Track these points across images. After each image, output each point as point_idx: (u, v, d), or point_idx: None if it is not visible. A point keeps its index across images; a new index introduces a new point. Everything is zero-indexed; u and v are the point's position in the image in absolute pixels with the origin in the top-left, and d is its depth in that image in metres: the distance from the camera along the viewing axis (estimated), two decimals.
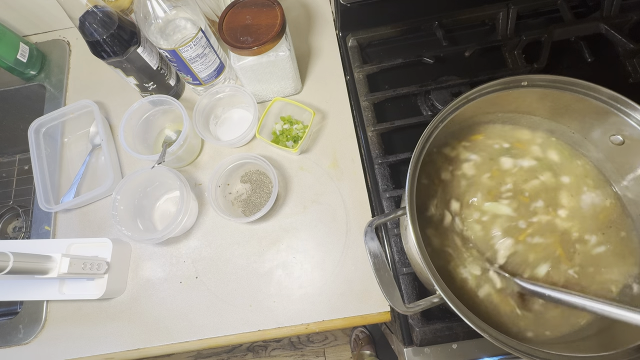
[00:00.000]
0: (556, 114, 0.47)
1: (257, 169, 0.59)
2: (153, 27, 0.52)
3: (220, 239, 0.57)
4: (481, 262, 0.44)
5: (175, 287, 0.55)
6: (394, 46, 0.68)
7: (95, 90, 0.69)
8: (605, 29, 0.60)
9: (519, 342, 0.33)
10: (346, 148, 0.60)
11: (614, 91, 0.41)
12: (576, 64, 0.63)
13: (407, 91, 0.60)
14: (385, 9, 0.63)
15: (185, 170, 0.62)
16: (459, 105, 0.43)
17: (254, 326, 0.52)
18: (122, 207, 0.53)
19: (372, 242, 0.40)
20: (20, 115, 0.74)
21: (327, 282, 0.53)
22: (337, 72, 0.66)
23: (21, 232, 0.76)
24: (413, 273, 0.51)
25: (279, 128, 0.60)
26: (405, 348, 0.49)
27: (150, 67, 0.58)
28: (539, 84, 0.43)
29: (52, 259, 0.47)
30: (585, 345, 0.40)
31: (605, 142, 0.45)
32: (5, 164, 0.82)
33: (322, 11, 0.71)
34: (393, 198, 0.55)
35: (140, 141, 0.59)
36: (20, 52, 0.67)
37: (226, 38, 0.51)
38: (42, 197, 0.57)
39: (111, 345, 0.53)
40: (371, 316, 0.52)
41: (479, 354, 0.47)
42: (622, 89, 0.41)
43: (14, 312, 0.65)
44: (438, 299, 0.37)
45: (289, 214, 0.57)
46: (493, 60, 0.63)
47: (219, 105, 0.63)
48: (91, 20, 0.49)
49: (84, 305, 0.55)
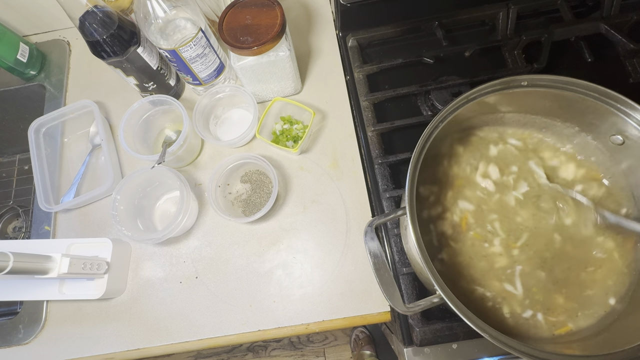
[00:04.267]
0: (556, 114, 0.47)
1: (257, 169, 0.59)
2: (153, 27, 0.52)
3: (220, 239, 0.57)
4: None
5: (175, 287, 0.55)
6: (394, 46, 0.68)
7: (95, 90, 0.69)
8: (605, 29, 0.60)
9: (519, 342, 0.33)
10: (346, 148, 0.60)
11: (614, 91, 0.41)
12: (576, 64, 0.62)
13: (407, 91, 0.60)
14: (385, 9, 0.63)
15: (185, 170, 0.62)
16: (459, 105, 0.43)
17: (254, 326, 0.52)
18: (122, 207, 0.53)
19: (372, 242, 0.40)
20: (20, 115, 0.74)
21: (327, 282, 0.53)
22: (337, 72, 0.66)
23: (21, 232, 0.76)
24: (413, 273, 0.51)
25: (279, 128, 0.60)
26: (405, 348, 0.49)
27: (150, 67, 0.58)
28: (539, 84, 0.43)
29: (52, 259, 0.47)
30: (585, 345, 0.40)
31: (605, 142, 0.46)
32: (5, 164, 0.82)
33: (322, 11, 0.71)
34: (393, 198, 0.55)
35: (140, 141, 0.59)
36: (20, 52, 0.67)
37: (226, 38, 0.51)
38: (42, 197, 0.57)
39: (111, 345, 0.53)
40: (371, 316, 0.52)
41: (479, 354, 0.47)
42: (622, 89, 0.41)
43: (14, 312, 0.65)
44: (438, 299, 0.37)
45: (289, 214, 0.57)
46: (493, 60, 0.63)
47: (219, 105, 0.63)
48: (91, 20, 0.49)
49: (84, 305, 0.55)
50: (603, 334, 0.40)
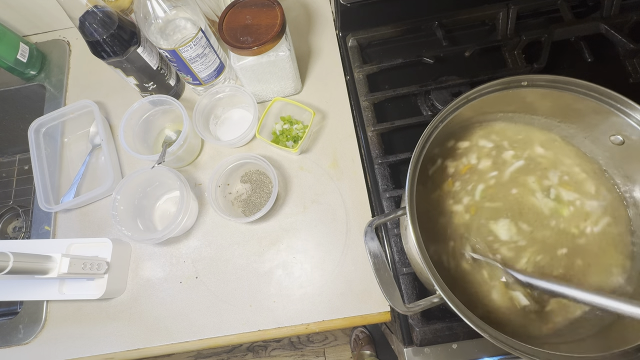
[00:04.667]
0: (556, 114, 0.47)
1: (257, 169, 0.59)
2: (153, 27, 0.52)
3: (220, 239, 0.57)
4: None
5: (175, 287, 0.55)
6: (394, 46, 0.68)
7: (95, 90, 0.69)
8: (605, 29, 0.60)
9: (519, 342, 0.33)
10: (346, 148, 0.60)
11: (614, 91, 0.41)
12: (576, 64, 0.63)
13: (407, 91, 0.60)
14: (385, 9, 0.63)
15: (185, 170, 0.62)
16: (459, 105, 0.43)
17: (254, 326, 0.52)
18: (122, 207, 0.53)
19: (372, 242, 0.40)
20: (20, 115, 0.74)
21: (327, 282, 0.53)
22: (337, 72, 0.66)
23: (21, 232, 0.76)
24: (413, 273, 0.51)
25: (279, 128, 0.60)
26: (405, 348, 0.49)
27: (150, 67, 0.58)
28: (539, 84, 0.43)
29: (52, 259, 0.47)
30: (585, 345, 0.40)
31: (605, 142, 0.46)
32: (5, 164, 0.82)
33: (322, 11, 0.71)
34: (393, 198, 0.55)
35: (140, 141, 0.59)
36: (20, 52, 0.67)
37: (226, 38, 0.51)
38: (42, 197, 0.57)
39: (111, 345, 0.53)
40: (371, 316, 0.52)
41: (479, 354, 0.47)
42: (622, 89, 0.41)
43: (14, 312, 0.65)
44: (438, 299, 0.37)
45: (289, 214, 0.57)
46: (493, 60, 0.63)
47: (219, 105, 0.63)
48: (91, 20, 0.49)
49: (84, 305, 0.55)
50: (603, 334, 0.40)
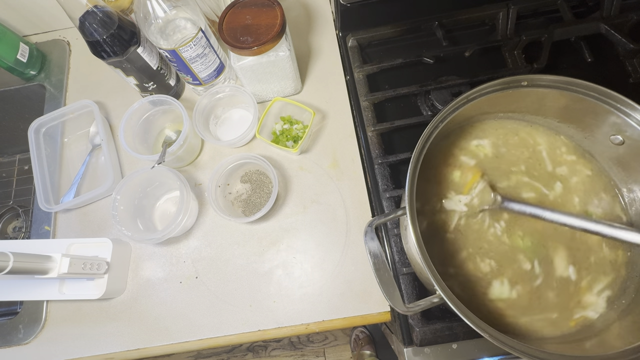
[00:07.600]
0: (556, 114, 0.47)
1: (257, 169, 0.59)
2: (153, 27, 0.52)
3: (220, 239, 0.57)
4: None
5: (175, 287, 0.55)
6: (394, 46, 0.68)
7: (95, 90, 0.69)
8: (605, 29, 0.60)
9: (519, 342, 0.33)
10: (346, 148, 0.60)
11: (614, 91, 0.41)
12: (576, 64, 0.63)
13: (407, 91, 0.60)
14: (385, 9, 0.63)
15: (185, 170, 0.62)
16: (459, 105, 0.43)
17: (254, 326, 0.52)
18: (122, 207, 0.53)
19: (372, 242, 0.40)
20: (20, 115, 0.74)
21: (327, 282, 0.53)
22: (337, 72, 0.66)
23: (21, 232, 0.76)
24: (413, 273, 0.51)
25: (279, 128, 0.60)
26: (405, 348, 0.49)
27: (150, 67, 0.58)
28: (539, 84, 0.43)
29: (52, 259, 0.47)
30: (585, 345, 0.40)
31: (605, 142, 0.46)
32: (5, 164, 0.82)
33: (322, 11, 0.71)
34: (393, 198, 0.55)
35: (140, 141, 0.59)
36: (20, 52, 0.67)
37: (226, 38, 0.51)
38: (42, 197, 0.57)
39: (111, 345, 0.53)
40: (371, 316, 0.52)
41: (479, 354, 0.47)
42: (622, 89, 0.41)
43: (14, 312, 0.65)
44: (438, 299, 0.37)
45: (289, 214, 0.57)
46: (493, 60, 0.63)
47: (219, 105, 0.63)
48: (91, 20, 0.49)
49: (84, 305, 0.55)
50: (602, 334, 0.40)
